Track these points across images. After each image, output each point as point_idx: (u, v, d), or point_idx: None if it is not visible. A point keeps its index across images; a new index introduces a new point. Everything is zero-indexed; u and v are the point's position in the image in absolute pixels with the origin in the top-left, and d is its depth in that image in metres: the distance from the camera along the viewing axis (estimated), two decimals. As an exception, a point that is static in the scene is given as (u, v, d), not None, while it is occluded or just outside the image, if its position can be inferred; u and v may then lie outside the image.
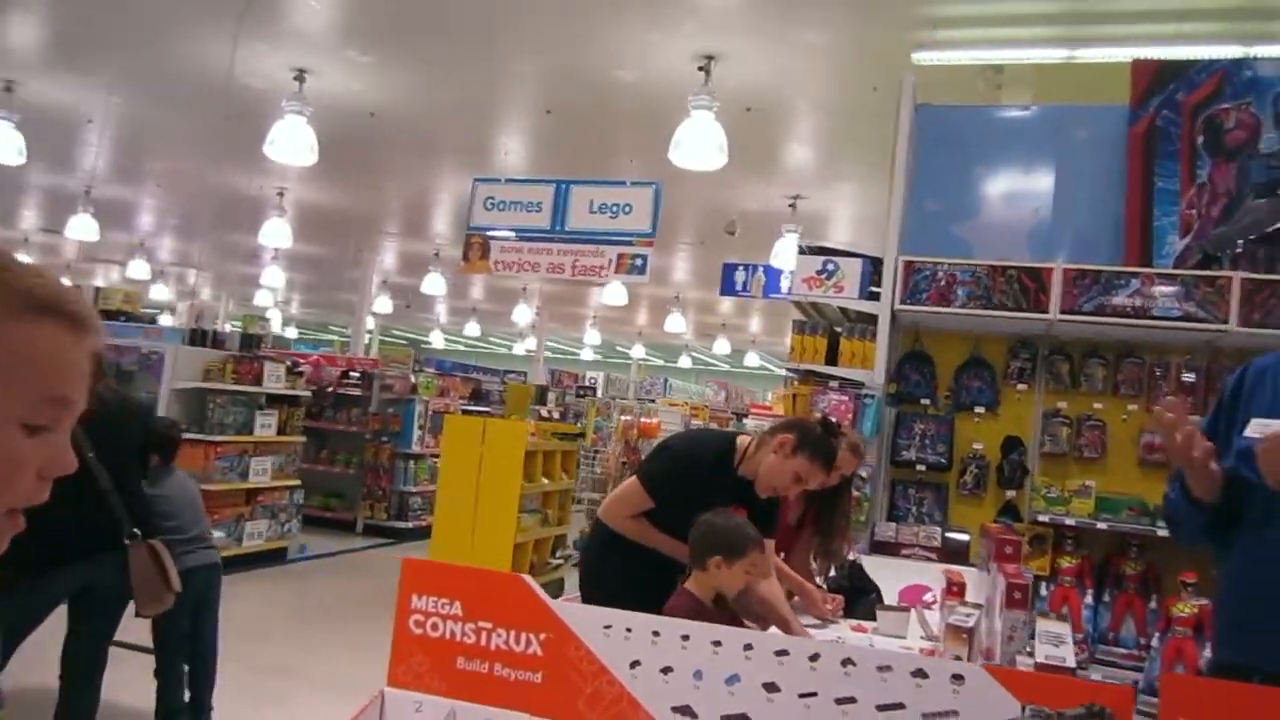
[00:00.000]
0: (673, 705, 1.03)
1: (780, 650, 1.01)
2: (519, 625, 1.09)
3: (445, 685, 1.10)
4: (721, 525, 2.32)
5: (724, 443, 2.76)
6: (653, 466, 2.77)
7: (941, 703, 0.97)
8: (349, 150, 8.42)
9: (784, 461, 2.57)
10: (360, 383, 9.46)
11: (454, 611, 1.11)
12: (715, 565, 2.26)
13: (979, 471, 4.76)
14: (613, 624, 1.06)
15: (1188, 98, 4.62)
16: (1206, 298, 4.18)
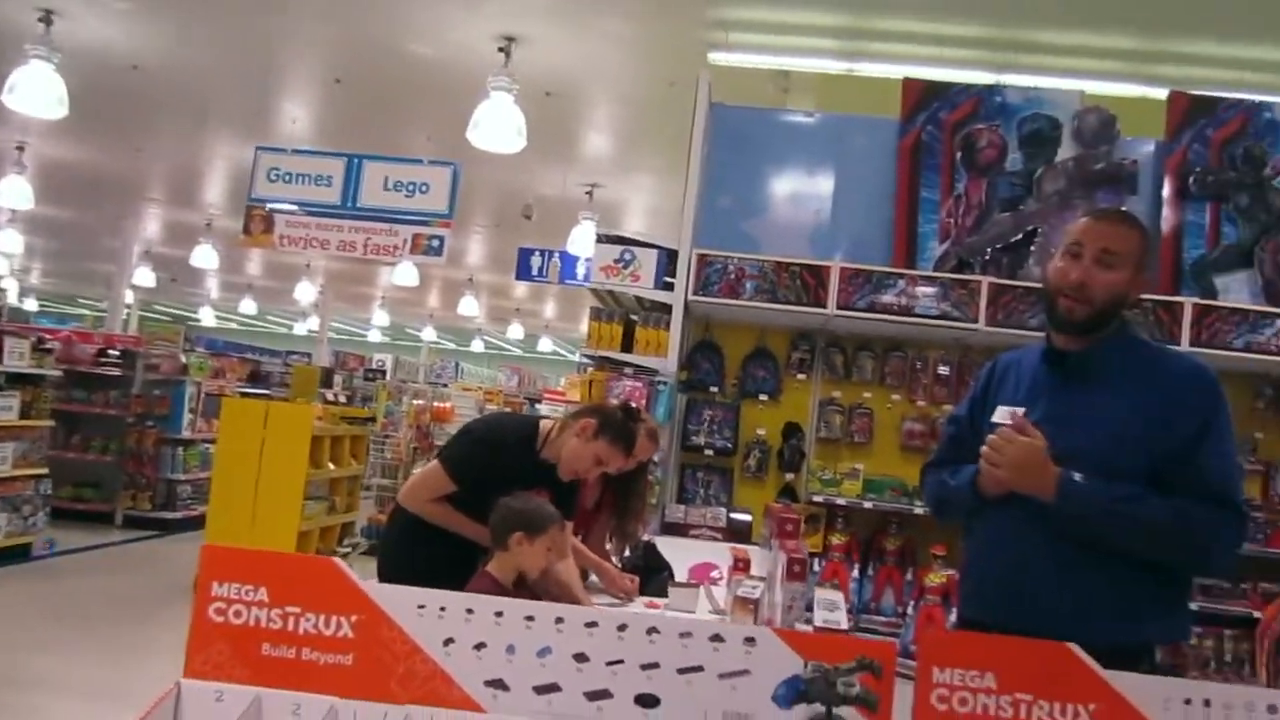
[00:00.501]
0: (485, 680, 1.05)
1: (590, 622, 1.05)
2: (329, 608, 1.06)
3: (249, 673, 1.06)
4: (521, 505, 2.36)
5: (527, 427, 2.79)
6: (455, 449, 2.76)
7: (736, 663, 1.04)
8: (106, 105, 7.65)
9: (586, 445, 2.63)
10: (121, 362, 8.61)
11: (259, 598, 1.07)
12: (517, 543, 2.29)
13: (761, 455, 5.06)
14: (426, 603, 1.06)
15: (949, 116, 5.10)
16: (960, 299, 4.65)
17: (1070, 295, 1.92)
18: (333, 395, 8.26)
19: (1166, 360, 2.01)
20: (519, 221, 9.38)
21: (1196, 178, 4.96)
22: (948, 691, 1.06)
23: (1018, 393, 2.02)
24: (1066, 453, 1.86)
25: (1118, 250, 1.90)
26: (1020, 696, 1.06)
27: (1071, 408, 1.95)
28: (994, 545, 1.99)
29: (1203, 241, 4.99)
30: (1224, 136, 4.97)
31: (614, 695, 1.04)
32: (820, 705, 1.04)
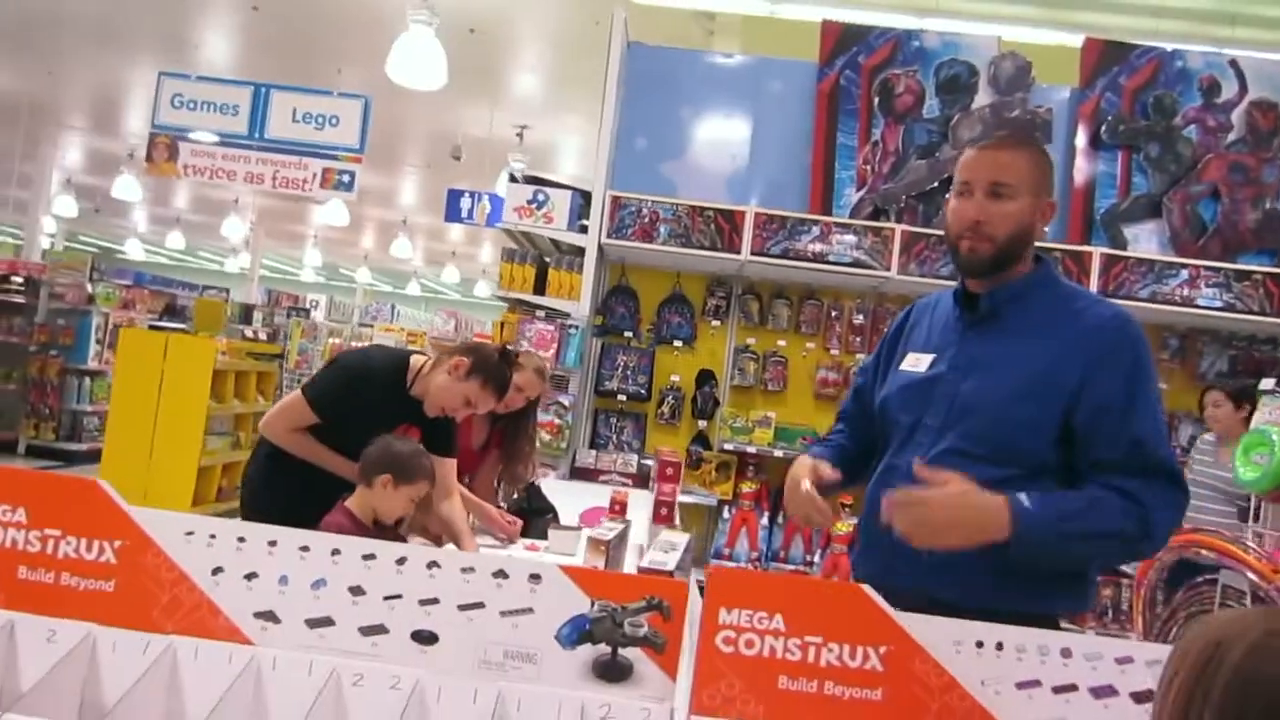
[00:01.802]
0: (255, 611, 1.01)
1: (368, 554, 1.02)
2: (92, 533, 1.01)
3: (4, 597, 1.01)
4: (399, 449, 2.30)
5: (397, 360, 2.70)
6: (319, 380, 2.67)
7: (519, 601, 1.02)
8: (14, 26, 7.28)
9: (456, 384, 2.57)
10: (24, 289, 8.29)
11: (17, 519, 1.02)
12: (382, 484, 2.24)
13: (675, 402, 5.06)
14: (195, 530, 1.02)
15: (867, 61, 5.06)
16: (874, 247, 4.66)
17: (969, 236, 1.77)
18: (252, 332, 8.05)
19: (1086, 305, 1.83)
20: (451, 163, 9.18)
21: (1109, 126, 5.00)
22: (734, 633, 1.03)
23: (929, 339, 1.90)
24: (972, 401, 1.77)
25: (1008, 180, 1.74)
26: (810, 639, 1.04)
27: (981, 353, 1.81)
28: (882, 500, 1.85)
29: (1114, 191, 5.05)
30: (1136, 85, 5.01)
31: (390, 630, 1.01)
32: (606, 646, 1.02)
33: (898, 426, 1.88)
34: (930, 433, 1.81)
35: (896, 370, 1.92)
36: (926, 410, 1.82)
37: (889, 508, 1.62)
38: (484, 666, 1.01)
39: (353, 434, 2.39)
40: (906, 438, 1.84)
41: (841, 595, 1.06)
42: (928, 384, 1.84)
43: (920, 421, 1.83)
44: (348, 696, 0.98)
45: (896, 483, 1.77)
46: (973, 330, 1.83)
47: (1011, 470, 1.70)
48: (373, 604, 1.01)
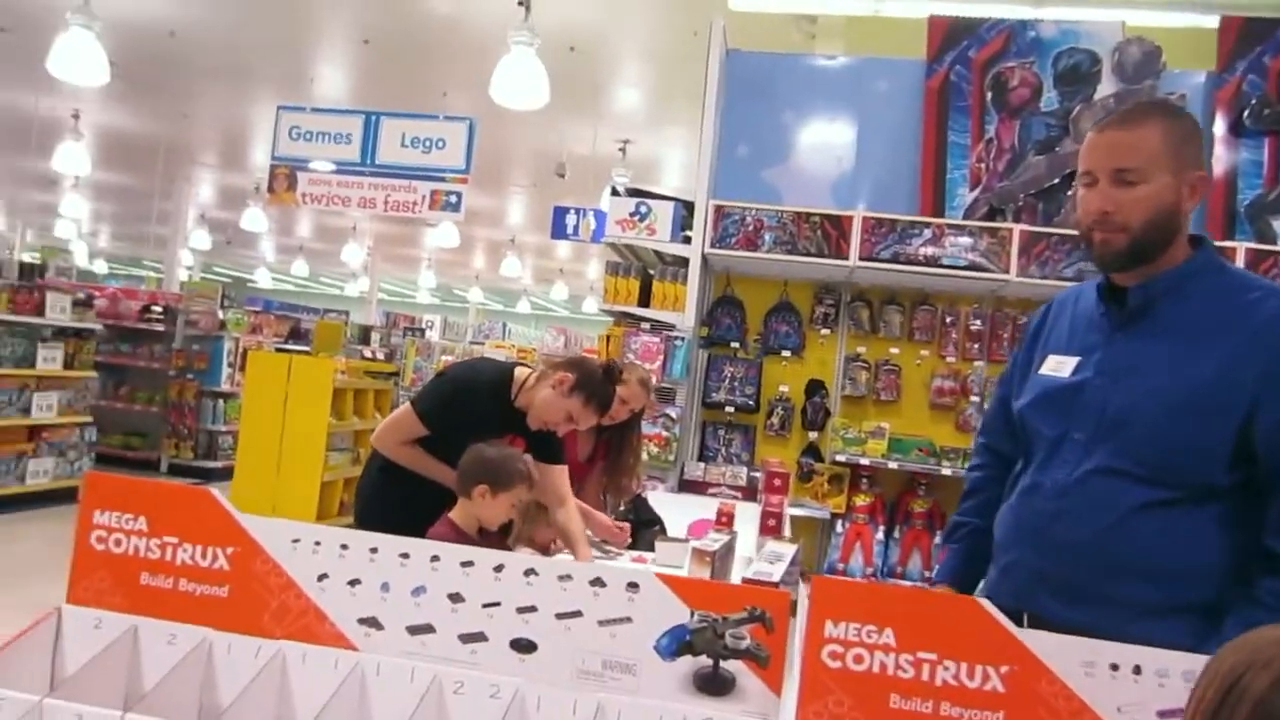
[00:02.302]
0: (359, 617, 1.02)
1: (466, 561, 1.01)
2: (205, 539, 1.04)
3: (127, 602, 1.05)
4: (491, 456, 2.31)
5: (502, 373, 2.71)
6: (427, 393, 2.71)
7: (618, 610, 1.00)
8: (149, 71, 7.80)
9: (559, 399, 2.56)
10: (163, 318, 8.87)
11: (138, 527, 1.06)
12: (480, 494, 2.25)
13: (785, 413, 4.97)
14: (301, 538, 1.03)
15: (978, 54, 4.88)
16: (990, 248, 4.48)
17: (1099, 228, 1.57)
18: (370, 352, 8.36)
19: (1262, 295, 1.53)
20: (556, 181, 9.33)
21: (1252, 111, 4.67)
22: (842, 648, 0.97)
23: (1072, 339, 1.69)
24: (1126, 413, 1.54)
25: (1133, 163, 1.52)
26: (923, 656, 0.97)
27: (1134, 356, 1.57)
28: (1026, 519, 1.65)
29: (1259, 181, 4.71)
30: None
31: (489, 639, 1.00)
32: (707, 658, 0.98)
33: (1040, 439, 1.69)
34: (1078, 448, 1.61)
35: (1036, 374, 1.73)
36: (1072, 422, 1.62)
37: None
38: (582, 676, 0.99)
39: (460, 445, 2.42)
40: (1050, 452, 1.65)
41: (957, 610, 0.99)
42: (1072, 391, 1.63)
43: (1066, 435, 1.63)
44: (449, 704, 0.97)
45: (1039, 504, 1.62)
46: (1122, 330, 1.61)
47: (1174, 493, 1.50)
48: (472, 611, 1.01)
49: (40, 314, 6.76)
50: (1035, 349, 1.78)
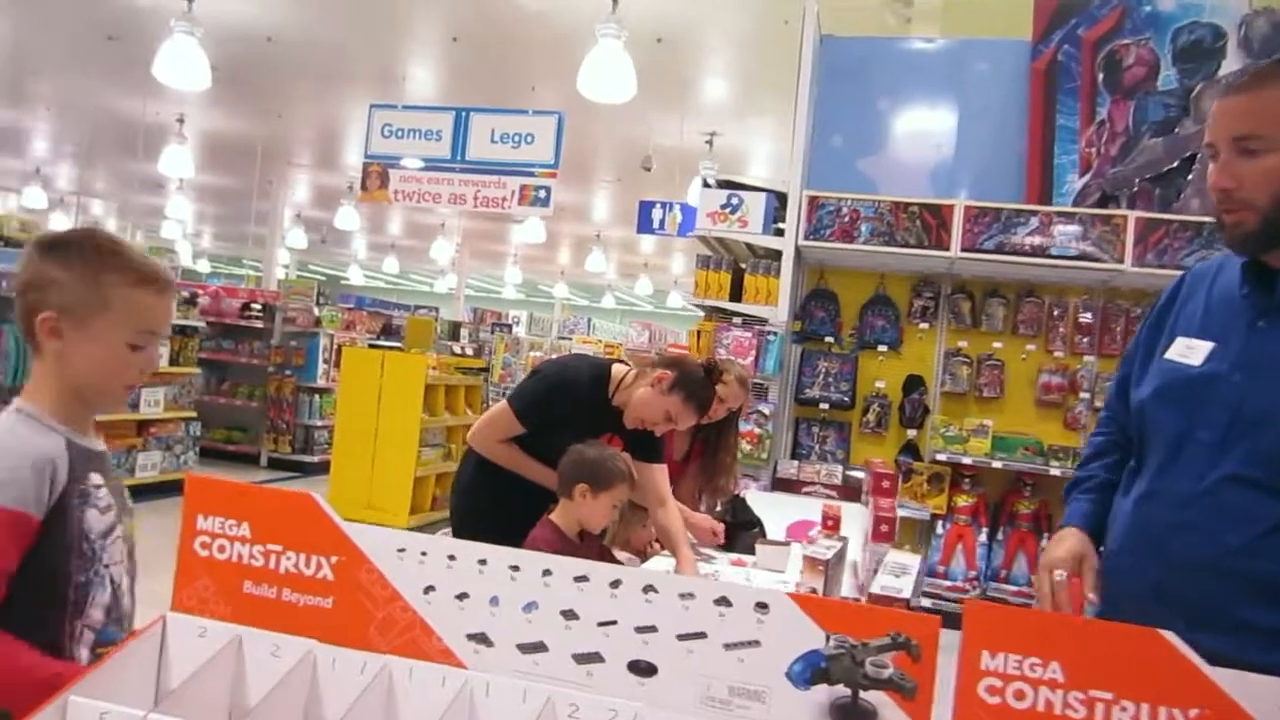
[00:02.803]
0: (468, 633, 0.96)
1: (580, 577, 0.94)
2: (310, 548, 0.99)
3: (231, 610, 1.01)
4: (591, 455, 2.25)
5: (599, 369, 2.65)
6: (524, 390, 2.65)
7: (745, 632, 0.91)
8: (247, 76, 8.02)
9: (658, 397, 2.49)
10: (262, 315, 9.12)
11: (242, 533, 1.02)
12: (580, 494, 2.20)
13: (881, 410, 4.81)
14: (406, 548, 0.98)
15: (1088, 33, 4.63)
16: (1103, 237, 4.24)
17: (1224, 206, 1.40)
18: (460, 348, 8.44)
19: None
20: (642, 175, 9.26)
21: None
22: (1000, 682, 0.86)
23: (1207, 321, 1.48)
24: (1261, 418, 1.36)
25: (1259, 130, 1.35)
26: (1096, 694, 0.85)
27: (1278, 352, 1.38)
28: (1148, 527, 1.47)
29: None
30: None
31: (605, 660, 0.93)
32: (844, 688, 0.89)
33: (1159, 436, 1.49)
34: (1205, 451, 1.41)
35: (1161, 359, 1.52)
36: (1199, 419, 1.42)
37: None
38: (708, 703, 0.91)
39: (557, 443, 2.37)
40: (1172, 454, 1.46)
41: (1136, 643, 0.87)
42: (1201, 384, 1.43)
43: (1191, 434, 1.43)
44: (564, 730, 0.90)
45: (1159, 513, 1.44)
46: (1267, 318, 1.40)
47: None
48: (587, 629, 0.93)
49: (146, 312, 7.00)
50: (1162, 329, 1.57)
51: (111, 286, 1.32)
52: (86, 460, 1.34)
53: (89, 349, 1.32)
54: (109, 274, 1.32)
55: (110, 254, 1.35)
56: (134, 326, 1.33)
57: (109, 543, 1.34)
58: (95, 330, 1.32)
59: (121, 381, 1.35)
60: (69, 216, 16.43)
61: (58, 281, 1.32)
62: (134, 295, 1.32)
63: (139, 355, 1.34)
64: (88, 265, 1.33)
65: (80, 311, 1.31)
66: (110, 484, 1.39)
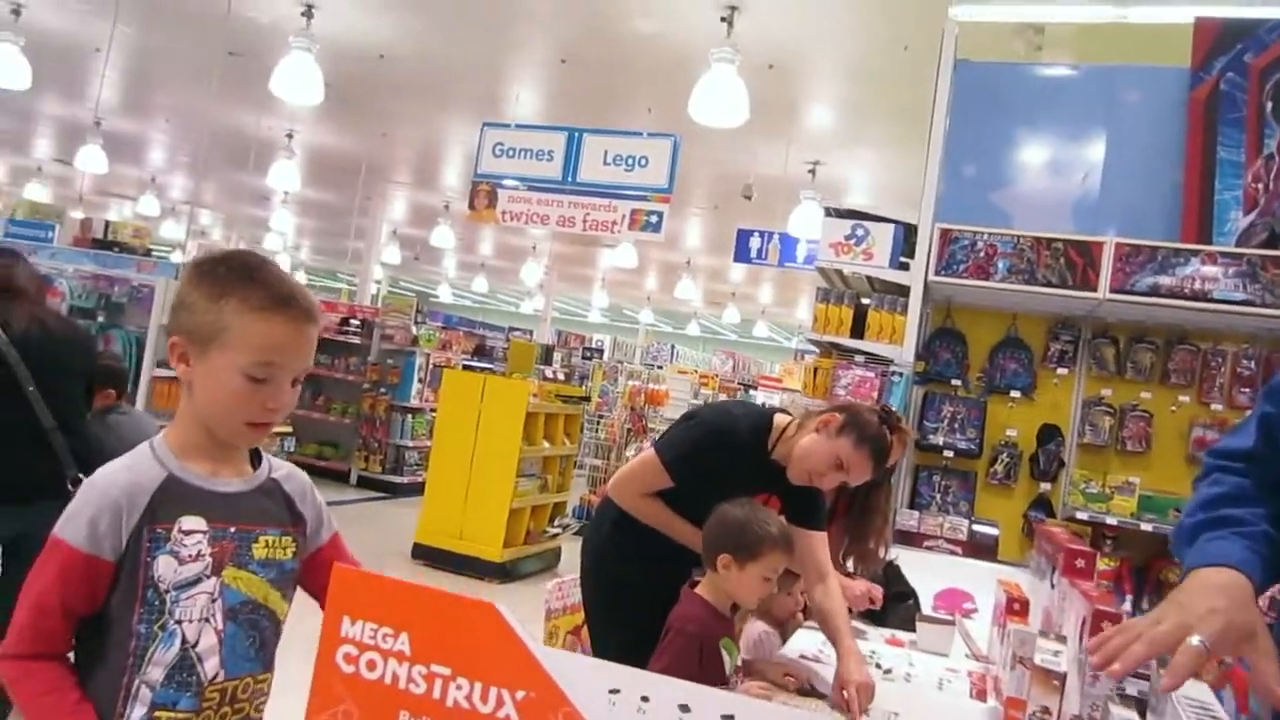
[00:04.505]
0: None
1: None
2: (489, 676, 0.78)
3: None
4: (736, 517, 1.96)
5: (761, 419, 2.34)
6: (676, 438, 2.35)
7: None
8: (357, 93, 8.11)
9: (825, 442, 2.18)
10: (360, 331, 9.15)
11: (400, 647, 0.81)
12: (724, 565, 1.92)
13: (1011, 460, 4.45)
14: (622, 689, 0.76)
15: (1256, 60, 4.24)
16: (1274, 280, 3.84)
17: None
18: (551, 373, 8.31)
19: None
20: (738, 202, 9.06)
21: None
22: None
23: None
24: None
25: None
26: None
27: None
28: None
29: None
30: None
31: None
32: None
33: None
34: None
35: None
36: None
37: None
38: None
39: (707, 500, 2.11)
40: None
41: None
42: None
43: None
44: None
45: None
46: None
47: None
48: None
49: (250, 325, 7.04)
50: None
51: (232, 312, 1.21)
52: (184, 500, 1.19)
53: (208, 378, 1.23)
54: (231, 298, 1.22)
55: (241, 277, 1.24)
56: (251, 356, 1.20)
57: (185, 595, 1.17)
58: (213, 358, 1.22)
59: (242, 417, 1.23)
60: (180, 224, 17.04)
61: (189, 304, 1.24)
62: (254, 322, 1.21)
63: (262, 390, 1.22)
64: (214, 287, 1.23)
65: (202, 337, 1.22)
66: (228, 532, 1.21)
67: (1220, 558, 1.15)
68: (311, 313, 1.26)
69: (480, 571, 6.29)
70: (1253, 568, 1.13)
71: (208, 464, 1.24)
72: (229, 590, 1.21)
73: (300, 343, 1.25)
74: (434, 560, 6.39)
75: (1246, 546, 1.16)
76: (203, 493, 1.22)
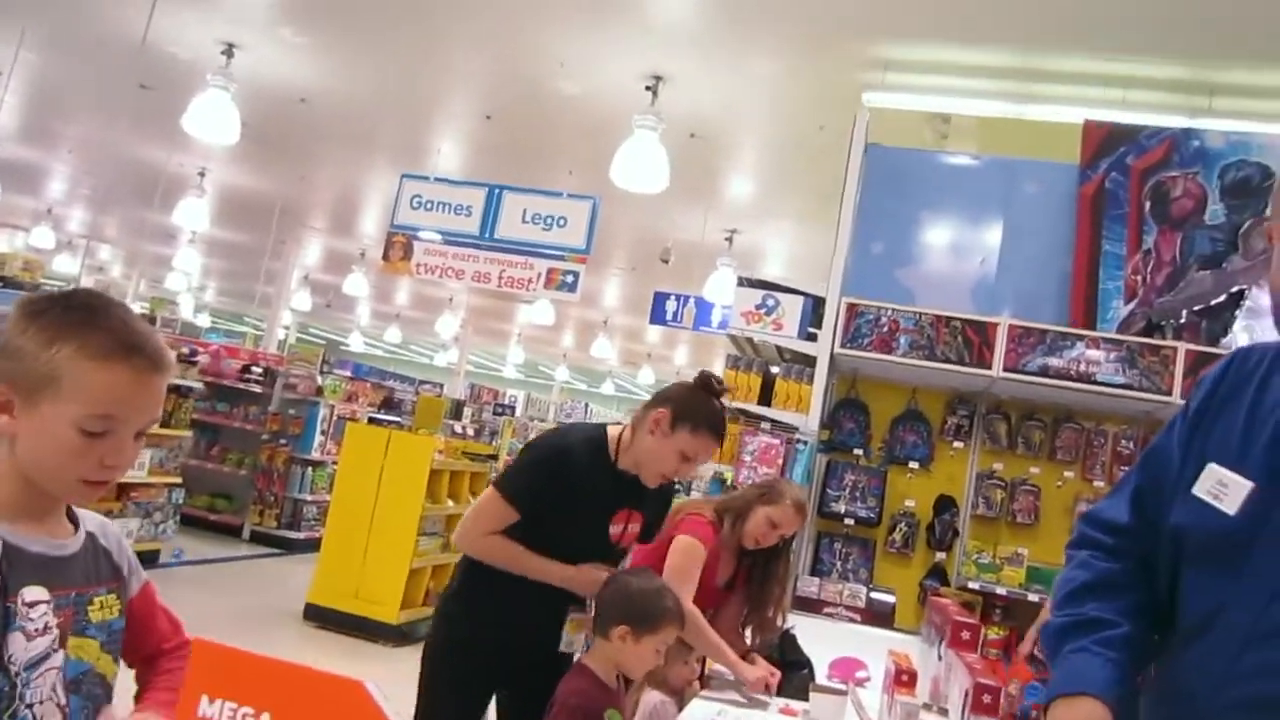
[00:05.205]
0: None
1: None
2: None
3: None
4: (635, 588, 1.94)
5: (595, 431, 2.27)
6: (513, 470, 2.23)
7: None
8: (276, 135, 7.99)
9: (663, 440, 2.12)
10: (262, 379, 8.85)
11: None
12: (620, 637, 1.90)
13: (909, 530, 4.56)
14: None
15: (1137, 162, 4.56)
16: (1150, 367, 4.08)
17: None
18: (461, 428, 8.20)
19: None
20: (656, 265, 9.22)
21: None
22: None
23: (1247, 446, 1.15)
24: None
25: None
26: None
27: None
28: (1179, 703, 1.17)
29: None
30: None
31: None
32: None
33: (1186, 601, 1.18)
34: (1236, 638, 1.09)
35: (1188, 492, 1.20)
36: (1230, 595, 1.10)
37: None
38: None
39: (562, 528, 2.04)
40: (1199, 631, 1.15)
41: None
42: (1236, 545, 1.10)
43: (1221, 612, 1.11)
44: None
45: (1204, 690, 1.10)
46: None
47: None
48: None
49: (146, 368, 6.74)
50: (1192, 441, 1.24)
51: (66, 359, 1.08)
52: (25, 569, 1.07)
53: (36, 432, 1.09)
54: (66, 344, 1.09)
55: (79, 320, 1.11)
56: (87, 409, 1.08)
57: (35, 675, 1.05)
58: (43, 410, 1.08)
59: (74, 474, 1.10)
60: (75, 259, 16.36)
61: (16, 349, 1.10)
62: (92, 371, 1.08)
63: (99, 444, 1.09)
64: (46, 331, 1.10)
65: (29, 386, 1.09)
66: (69, 598, 1.10)
67: (1079, 683, 1.18)
68: (159, 362, 1.14)
69: (375, 634, 6.07)
70: (1110, 686, 1.16)
71: (35, 525, 1.13)
72: (71, 661, 1.11)
73: (144, 394, 1.13)
74: (327, 621, 6.15)
75: (1106, 662, 1.18)
76: (41, 558, 1.10)
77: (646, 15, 4.98)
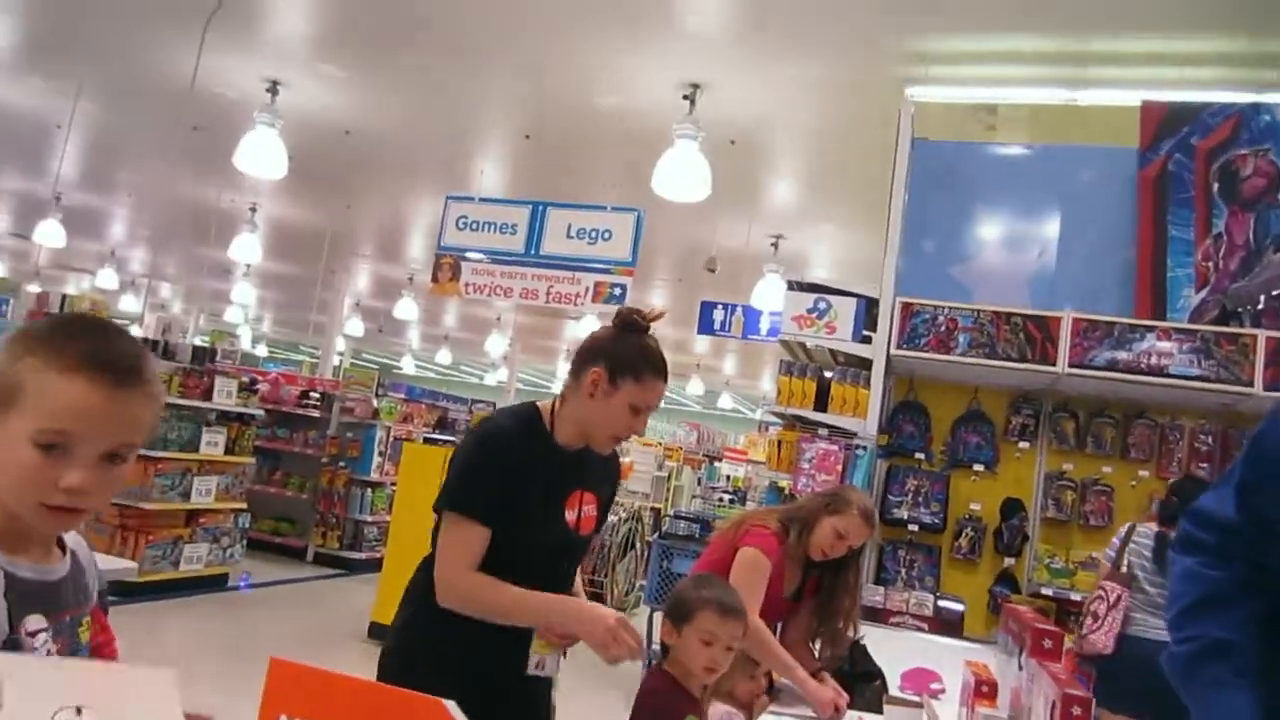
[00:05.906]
0: None
1: None
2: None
3: None
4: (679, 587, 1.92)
5: (524, 408, 2.04)
6: (451, 482, 1.94)
7: None
8: (322, 167, 8.12)
9: (608, 401, 1.92)
10: (320, 404, 8.98)
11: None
12: (667, 635, 1.89)
13: (975, 535, 4.44)
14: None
15: (1202, 142, 4.39)
16: (1228, 357, 3.91)
17: None
18: (514, 446, 8.20)
19: None
20: (702, 275, 9.13)
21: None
22: None
23: None
24: None
25: None
26: None
27: None
28: None
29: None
30: None
31: None
32: None
33: None
34: None
35: None
36: None
37: None
38: None
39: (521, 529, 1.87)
40: None
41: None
42: None
43: None
44: None
45: None
46: None
47: None
48: None
49: (208, 398, 6.88)
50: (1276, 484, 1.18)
51: (30, 369, 1.02)
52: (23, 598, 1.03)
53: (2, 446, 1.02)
54: (34, 355, 1.03)
55: (59, 335, 1.05)
56: (39, 422, 1.00)
57: None
58: (10, 424, 1.02)
59: (32, 497, 1.01)
60: (138, 298, 16.83)
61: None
62: (52, 380, 1.01)
63: (54, 463, 1.00)
64: (21, 345, 1.05)
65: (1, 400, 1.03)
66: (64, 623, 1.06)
67: None
68: (130, 380, 1.05)
69: (439, 652, 6.06)
70: None
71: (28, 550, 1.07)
72: None
73: (108, 412, 1.03)
74: (390, 640, 6.15)
75: (1248, 692, 1.15)
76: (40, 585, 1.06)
77: (680, 24, 4.95)
